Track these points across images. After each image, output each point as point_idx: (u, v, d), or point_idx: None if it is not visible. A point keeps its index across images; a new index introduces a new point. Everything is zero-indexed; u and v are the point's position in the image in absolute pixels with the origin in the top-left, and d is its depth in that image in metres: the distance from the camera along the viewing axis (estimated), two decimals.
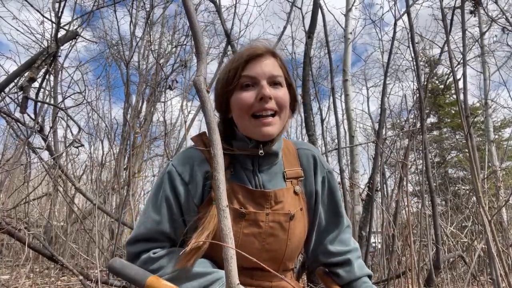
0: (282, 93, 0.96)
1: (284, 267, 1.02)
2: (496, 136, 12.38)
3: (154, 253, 0.92)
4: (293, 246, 1.00)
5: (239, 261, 0.67)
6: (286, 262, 1.01)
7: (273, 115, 0.94)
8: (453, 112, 15.64)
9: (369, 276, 1.08)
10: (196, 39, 0.64)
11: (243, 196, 0.96)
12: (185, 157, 0.99)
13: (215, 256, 0.93)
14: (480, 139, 12.20)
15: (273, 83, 0.95)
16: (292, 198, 1.01)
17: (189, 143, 1.12)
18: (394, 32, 2.29)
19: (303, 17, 2.93)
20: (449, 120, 15.56)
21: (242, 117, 0.95)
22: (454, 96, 15.44)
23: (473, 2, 1.80)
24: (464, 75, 1.41)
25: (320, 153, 1.13)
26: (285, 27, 2.75)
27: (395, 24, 2.30)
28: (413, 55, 2.18)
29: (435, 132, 15.72)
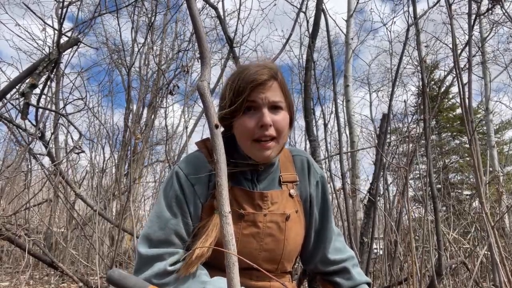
0: (281, 117, 1.01)
1: (282, 268, 1.06)
2: (497, 139, 12.34)
3: (170, 265, 0.92)
4: (290, 247, 1.04)
5: (238, 262, 0.68)
6: (284, 262, 1.05)
7: (271, 139, 1.00)
8: (453, 117, 15.63)
9: (368, 284, 1.11)
10: (201, 44, 0.64)
11: (242, 198, 1.02)
12: (190, 160, 1.04)
13: (214, 259, 0.95)
14: (481, 142, 12.15)
15: (274, 107, 1.01)
16: (288, 200, 1.07)
17: (190, 149, 1.14)
18: (406, 38, 2.26)
19: (307, 22, 2.93)
20: (448, 125, 15.55)
21: (244, 140, 1.01)
22: (452, 101, 15.45)
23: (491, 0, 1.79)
24: (469, 80, 1.41)
25: (313, 159, 1.20)
26: (290, 34, 2.74)
27: (407, 30, 2.28)
28: (418, 59, 2.18)
29: (434, 137, 15.70)
